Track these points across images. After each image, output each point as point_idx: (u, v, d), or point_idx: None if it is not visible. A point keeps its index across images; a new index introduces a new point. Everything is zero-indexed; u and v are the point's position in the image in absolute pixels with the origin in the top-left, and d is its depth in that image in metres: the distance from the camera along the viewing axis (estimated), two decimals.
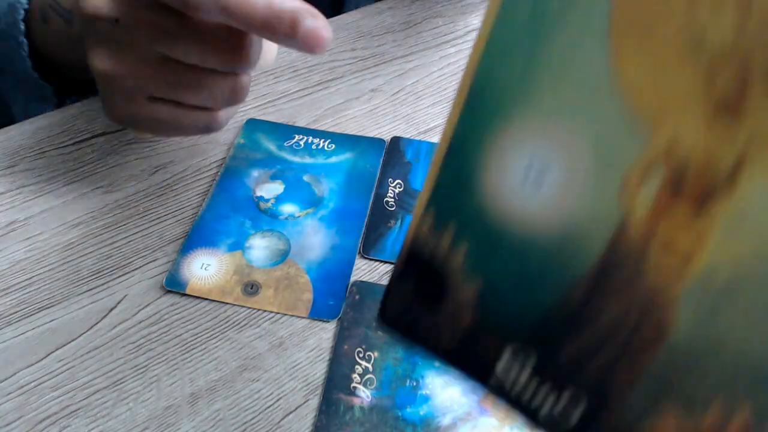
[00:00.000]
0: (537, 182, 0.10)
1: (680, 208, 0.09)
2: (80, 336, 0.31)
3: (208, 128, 0.34)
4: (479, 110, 0.10)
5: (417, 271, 0.12)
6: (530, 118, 0.09)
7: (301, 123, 0.43)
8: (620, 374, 0.10)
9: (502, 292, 0.11)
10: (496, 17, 0.09)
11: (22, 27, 0.40)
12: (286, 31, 0.28)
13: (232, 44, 0.31)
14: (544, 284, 0.10)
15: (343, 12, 0.53)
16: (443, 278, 0.11)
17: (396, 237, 0.36)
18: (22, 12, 0.40)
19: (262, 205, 0.38)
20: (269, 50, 0.35)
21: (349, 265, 0.35)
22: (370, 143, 0.42)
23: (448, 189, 0.11)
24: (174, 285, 0.33)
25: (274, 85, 0.46)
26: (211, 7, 0.28)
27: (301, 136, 0.42)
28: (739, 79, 0.08)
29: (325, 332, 0.32)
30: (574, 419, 0.11)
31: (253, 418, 0.29)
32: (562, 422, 0.11)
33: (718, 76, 0.08)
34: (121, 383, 0.30)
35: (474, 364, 0.12)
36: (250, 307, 0.33)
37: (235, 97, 0.33)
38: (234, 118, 0.42)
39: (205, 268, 0.34)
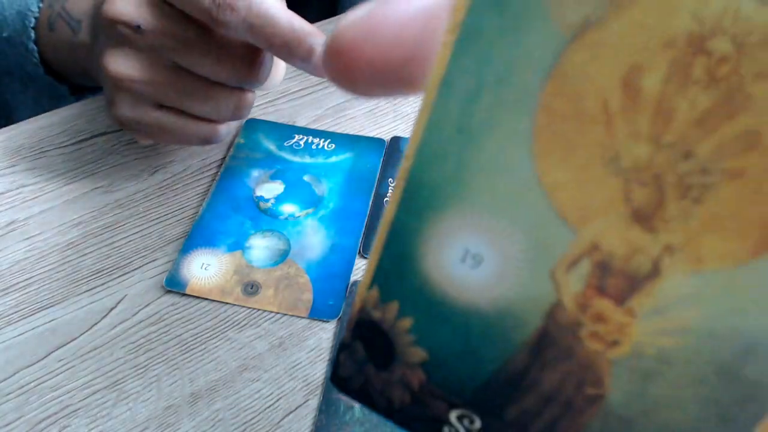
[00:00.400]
0: (473, 265, 0.10)
1: (605, 301, 0.10)
2: (80, 336, 0.31)
3: (207, 140, 0.36)
4: (415, 203, 0.11)
5: (366, 337, 0.12)
6: (463, 213, 0.10)
7: (301, 123, 0.43)
8: None
9: (447, 360, 0.11)
10: (424, 128, 0.10)
11: (32, 34, 0.40)
12: (302, 54, 0.29)
13: (247, 61, 0.32)
14: (486, 353, 0.11)
15: (338, 12, 0.53)
16: (392, 343, 0.12)
17: None
18: (33, 20, 0.40)
19: (262, 205, 0.38)
20: (277, 71, 0.35)
21: (349, 265, 0.35)
22: (370, 143, 0.42)
23: (389, 270, 0.11)
24: (174, 285, 0.33)
25: None
26: (238, 24, 0.29)
27: (301, 136, 0.42)
28: (653, 198, 0.09)
29: (325, 332, 0.32)
30: None
31: (253, 418, 0.29)
32: None
33: (634, 193, 0.09)
34: (121, 383, 0.30)
35: (423, 428, 0.13)
36: (250, 307, 0.33)
37: (239, 112, 0.34)
38: None
39: (205, 268, 0.34)
